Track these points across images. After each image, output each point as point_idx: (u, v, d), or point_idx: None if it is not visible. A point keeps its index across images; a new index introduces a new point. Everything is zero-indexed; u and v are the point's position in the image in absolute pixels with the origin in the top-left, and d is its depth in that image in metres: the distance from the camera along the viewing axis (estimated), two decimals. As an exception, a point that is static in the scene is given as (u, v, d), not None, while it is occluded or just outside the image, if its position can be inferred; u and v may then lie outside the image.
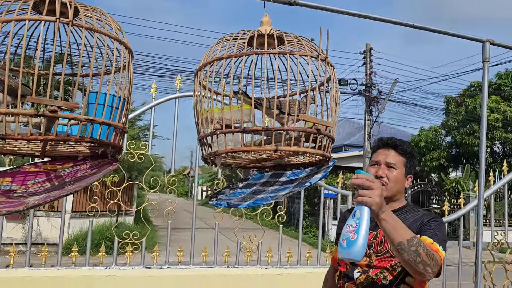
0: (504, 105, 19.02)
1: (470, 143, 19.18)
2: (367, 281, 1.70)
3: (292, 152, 1.32)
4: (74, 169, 1.36)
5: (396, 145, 1.81)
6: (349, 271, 1.76)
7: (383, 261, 1.69)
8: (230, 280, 3.00)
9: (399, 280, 1.67)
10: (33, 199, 1.14)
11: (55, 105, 1.07)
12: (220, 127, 1.29)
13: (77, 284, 2.66)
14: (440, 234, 1.68)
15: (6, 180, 1.30)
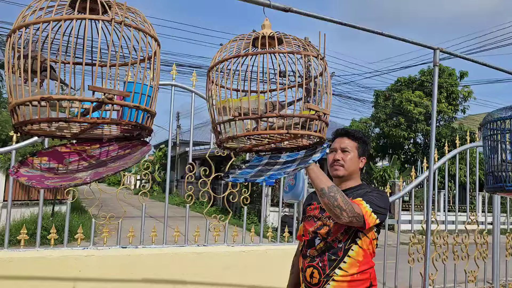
0: (426, 100, 20.61)
1: (397, 134, 20.63)
2: (325, 246, 2.05)
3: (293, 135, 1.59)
4: (103, 149, 1.52)
5: (348, 132, 2.21)
6: (311, 239, 2.11)
7: (339, 227, 2.03)
8: (201, 257, 3.22)
9: (350, 241, 2.03)
10: (82, 175, 1.30)
11: (112, 93, 1.24)
12: (238, 114, 1.52)
13: (57, 263, 2.75)
14: (376, 201, 2.02)
15: (44, 159, 1.44)
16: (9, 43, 1.31)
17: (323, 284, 2.03)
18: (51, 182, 1.26)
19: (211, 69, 1.66)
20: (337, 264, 2.03)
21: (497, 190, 2.35)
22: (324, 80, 1.69)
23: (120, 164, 1.33)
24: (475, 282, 4.47)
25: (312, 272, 2.07)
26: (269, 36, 1.72)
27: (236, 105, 1.53)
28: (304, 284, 2.12)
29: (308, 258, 2.10)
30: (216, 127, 1.61)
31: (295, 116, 1.52)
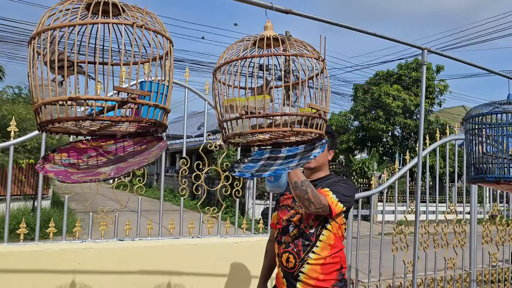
0: (404, 94, 21.04)
1: (375, 127, 21.01)
2: (298, 232, 2.25)
3: (296, 132, 1.70)
4: (118, 145, 1.60)
5: None
6: (285, 227, 2.30)
7: (310, 215, 2.22)
8: (195, 248, 3.32)
9: (321, 227, 2.23)
10: (105, 170, 1.38)
11: (135, 93, 1.32)
12: (245, 113, 1.62)
13: (56, 256, 2.81)
14: (342, 190, 2.21)
15: (64, 155, 1.50)
16: (33, 46, 1.38)
17: (299, 267, 2.21)
18: (77, 177, 1.33)
19: (218, 69, 1.76)
20: (310, 249, 2.21)
21: (478, 181, 2.51)
22: (324, 80, 1.80)
23: (140, 159, 1.42)
24: (453, 269, 4.69)
25: (288, 257, 2.24)
26: (272, 37, 1.83)
27: (242, 104, 1.63)
28: (281, 268, 2.29)
29: (283, 244, 2.27)
30: (223, 124, 1.71)
31: (298, 114, 1.63)
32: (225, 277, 3.40)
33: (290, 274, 2.23)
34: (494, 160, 2.42)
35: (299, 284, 2.20)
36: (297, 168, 2.02)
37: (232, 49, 1.81)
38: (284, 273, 2.26)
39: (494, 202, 5.31)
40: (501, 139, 2.47)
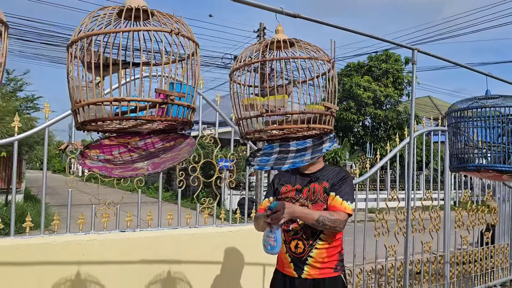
0: (374, 85, 21.55)
1: (347, 117, 21.47)
2: None
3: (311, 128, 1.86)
4: (145, 141, 1.72)
5: None
6: None
7: (317, 206, 2.40)
8: (193, 237, 3.45)
9: None
10: (141, 165, 1.50)
11: (173, 95, 1.44)
12: (266, 111, 1.76)
13: (61, 248, 2.88)
14: (348, 190, 2.44)
15: (96, 151, 1.61)
16: (74, 50, 1.47)
17: (307, 252, 2.40)
18: (118, 172, 1.45)
19: (234, 71, 1.90)
20: (318, 236, 2.41)
21: (461, 170, 2.75)
22: (334, 80, 1.96)
23: (172, 155, 1.54)
24: (429, 251, 5.00)
25: (297, 243, 2.42)
26: (283, 40, 1.97)
27: (262, 103, 1.77)
28: (288, 254, 2.44)
29: (291, 232, 2.44)
30: (241, 121, 1.84)
31: (313, 112, 1.79)
32: (221, 265, 3.56)
33: (299, 259, 2.41)
34: (474, 151, 2.66)
35: (306, 267, 2.39)
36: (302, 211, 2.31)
37: (247, 51, 1.95)
38: (292, 258, 2.43)
39: (465, 189, 5.65)
40: (480, 131, 2.71)
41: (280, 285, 2.50)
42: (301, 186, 2.48)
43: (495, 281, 5.84)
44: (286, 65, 1.95)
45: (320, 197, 2.42)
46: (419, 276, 4.97)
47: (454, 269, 5.30)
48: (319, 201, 2.42)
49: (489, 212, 5.81)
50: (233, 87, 1.91)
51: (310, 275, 2.40)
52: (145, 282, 3.18)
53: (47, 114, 2.97)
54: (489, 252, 5.78)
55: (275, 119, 1.84)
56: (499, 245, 5.99)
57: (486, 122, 2.68)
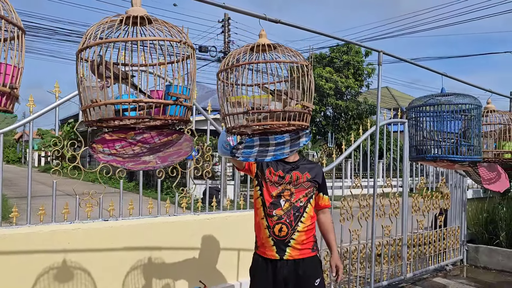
0: (336, 76, 22.10)
1: (309, 108, 21.92)
2: (290, 206, 2.68)
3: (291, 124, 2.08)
4: (142, 136, 1.89)
5: None
6: (276, 201, 2.70)
7: (300, 191, 2.71)
8: (172, 225, 3.63)
9: (307, 201, 2.73)
10: (149, 159, 1.67)
11: (182, 97, 1.63)
12: (252, 108, 1.98)
13: (48, 237, 3.00)
14: (326, 184, 2.91)
15: (100, 146, 1.76)
16: (86, 55, 1.62)
17: (290, 235, 2.65)
18: (131, 165, 1.62)
19: (220, 72, 2.09)
20: (299, 219, 2.67)
21: (419, 160, 3.07)
22: (308, 81, 2.18)
23: (174, 150, 1.73)
24: (389, 235, 5.39)
25: (281, 227, 2.66)
26: (267, 44, 2.18)
27: (247, 100, 1.98)
28: (271, 238, 2.68)
29: (274, 217, 2.68)
30: (227, 117, 2.04)
31: (294, 111, 2.01)
32: (199, 250, 3.76)
33: (282, 241, 2.65)
34: (431, 143, 2.98)
35: (288, 249, 2.65)
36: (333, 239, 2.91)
37: (234, 54, 2.14)
38: (274, 241, 2.66)
39: (421, 177, 6.09)
40: (436, 125, 3.03)
41: (262, 268, 2.72)
42: (283, 173, 2.73)
43: (447, 260, 6.35)
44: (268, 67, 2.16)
45: (303, 184, 2.73)
46: (380, 258, 5.37)
47: (411, 250, 5.74)
48: (301, 187, 2.72)
49: (442, 197, 6.28)
50: (220, 86, 2.10)
51: (292, 256, 2.66)
52: (127, 268, 3.35)
53: (31, 108, 3.05)
54: (442, 235, 6.27)
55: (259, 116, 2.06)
56: (451, 228, 6.49)
57: (440, 117, 3.00)
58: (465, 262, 6.66)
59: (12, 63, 1.42)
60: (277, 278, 2.64)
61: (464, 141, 2.92)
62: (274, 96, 2.04)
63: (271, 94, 2.04)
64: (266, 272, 2.70)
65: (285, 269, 2.65)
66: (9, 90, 1.39)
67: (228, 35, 16.74)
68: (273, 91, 2.05)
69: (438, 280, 5.86)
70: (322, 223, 2.93)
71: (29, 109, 3.05)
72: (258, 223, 2.77)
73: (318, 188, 2.82)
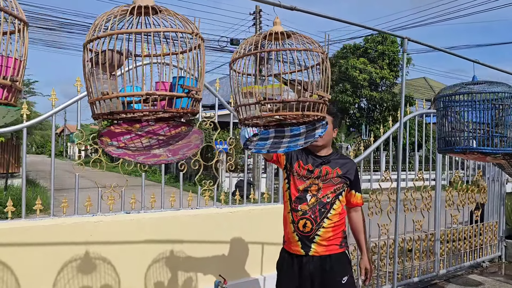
0: (370, 67, 21.61)
1: (343, 100, 21.59)
2: (316, 201, 2.59)
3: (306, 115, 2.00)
4: (148, 128, 1.85)
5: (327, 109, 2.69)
6: (302, 195, 2.62)
7: (328, 187, 2.61)
8: (195, 218, 3.62)
9: (336, 197, 2.63)
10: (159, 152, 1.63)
11: (194, 89, 1.58)
12: (264, 98, 1.90)
13: (71, 229, 3.04)
14: (359, 181, 2.80)
15: (107, 138, 1.74)
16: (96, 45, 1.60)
17: (315, 231, 2.56)
18: (142, 158, 1.59)
19: (234, 61, 2.02)
20: (326, 215, 2.57)
21: (448, 152, 2.91)
22: (325, 70, 2.09)
23: (184, 143, 1.68)
24: (420, 230, 5.20)
25: (305, 223, 2.57)
26: (280, 32, 2.10)
27: (260, 91, 1.91)
28: (296, 233, 2.61)
29: (299, 212, 2.60)
30: (239, 108, 1.98)
31: (309, 101, 1.92)
32: (222, 244, 3.74)
33: (307, 237, 2.57)
34: (461, 134, 2.81)
35: (314, 245, 2.57)
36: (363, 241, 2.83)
37: (246, 42, 2.07)
38: (299, 237, 2.59)
39: (456, 170, 5.84)
40: (467, 115, 2.86)
41: (288, 263, 2.66)
42: (312, 167, 2.65)
43: (484, 257, 6.08)
44: (281, 56, 2.07)
45: (332, 179, 2.63)
46: (411, 253, 5.19)
47: (445, 246, 5.52)
48: (330, 182, 2.62)
49: (478, 191, 6.01)
50: (233, 76, 2.03)
51: (317, 252, 2.58)
52: (149, 261, 3.36)
53: (54, 102, 3.09)
54: (478, 230, 6.00)
55: (272, 107, 1.98)
56: (488, 223, 6.21)
57: (471, 106, 2.83)
58: (503, 258, 6.36)
59: (13, 56, 1.41)
60: (303, 274, 2.58)
61: (497, 132, 2.74)
62: (288, 86, 1.96)
63: (284, 83, 1.96)
64: (292, 268, 2.64)
65: (311, 265, 2.58)
66: (10, 83, 1.38)
67: (259, 27, 16.64)
68: (287, 80, 1.97)
69: (474, 277, 5.62)
70: (353, 222, 2.83)
71: (52, 103, 3.09)
72: (285, 217, 2.71)
73: (349, 185, 2.72)
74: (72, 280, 3.02)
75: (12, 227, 2.87)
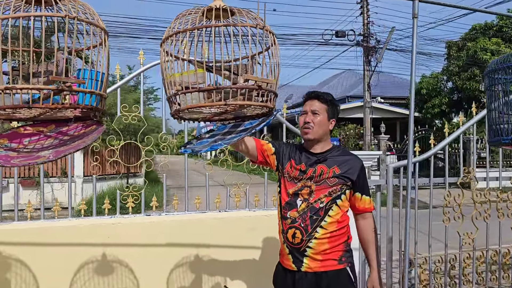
0: (504, 47, 18.86)
1: (471, 87, 19.23)
2: (307, 207, 2.16)
3: (241, 106, 1.63)
4: (58, 130, 1.69)
5: (318, 95, 2.26)
6: (293, 200, 2.21)
7: (321, 189, 2.17)
8: (223, 222, 3.40)
9: (332, 201, 2.18)
10: (45, 153, 1.48)
11: (70, 82, 1.39)
12: (182, 88, 1.60)
13: (87, 231, 3.07)
14: (367, 182, 2.33)
15: (4, 140, 1.64)
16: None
17: (306, 243, 2.15)
18: (18, 160, 1.44)
19: (166, 40, 1.72)
20: (319, 223, 2.15)
21: (496, 144, 2.21)
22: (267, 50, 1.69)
23: (78, 142, 1.49)
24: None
25: (294, 232, 2.17)
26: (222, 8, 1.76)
27: (180, 79, 1.60)
28: (286, 245, 2.22)
29: (288, 219, 2.20)
30: (171, 98, 1.69)
31: (231, 87, 1.56)
32: (254, 249, 3.44)
33: (297, 249, 2.19)
34: (510, 119, 2.10)
35: (306, 259, 2.17)
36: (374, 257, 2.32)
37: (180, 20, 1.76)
38: (289, 249, 2.22)
39: None
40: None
41: (282, 279, 2.30)
42: (306, 166, 2.24)
43: None
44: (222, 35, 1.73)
45: (327, 180, 2.19)
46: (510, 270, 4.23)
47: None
48: (324, 184, 2.18)
49: None
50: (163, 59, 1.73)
51: (311, 268, 2.17)
52: (171, 265, 3.24)
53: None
54: None
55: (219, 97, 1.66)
56: None
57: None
58: None
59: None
60: None
61: None
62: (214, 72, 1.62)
63: (207, 69, 1.62)
64: (285, 284, 2.27)
65: (304, 283, 2.18)
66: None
67: (367, 15, 15.63)
68: (210, 65, 1.62)
69: None
70: (360, 231, 2.34)
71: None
72: (278, 226, 2.34)
73: (352, 186, 2.24)
74: (88, 282, 3.04)
75: (32, 227, 2.99)
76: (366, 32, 15.19)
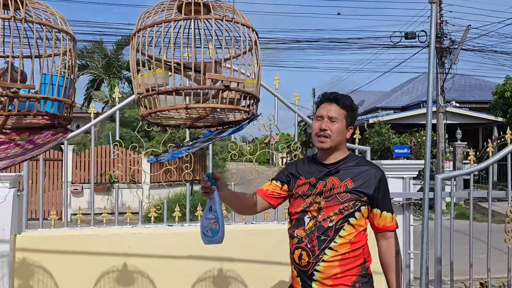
0: None
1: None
2: (315, 226, 1.90)
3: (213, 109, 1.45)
4: (30, 138, 1.62)
5: (338, 99, 1.95)
6: (301, 217, 1.96)
7: (331, 206, 1.89)
8: (248, 234, 3.22)
9: (342, 220, 1.89)
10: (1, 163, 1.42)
11: (15, 87, 1.31)
12: (145, 91, 1.45)
13: (108, 240, 3.04)
14: (389, 196, 2.02)
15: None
16: None
17: (313, 265, 1.90)
18: None
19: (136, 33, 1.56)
20: (327, 245, 1.89)
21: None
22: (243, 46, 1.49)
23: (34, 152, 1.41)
24: None
25: (301, 253, 1.94)
26: (195, 2, 1.59)
27: (142, 81, 1.46)
28: (294, 266, 1.99)
29: (295, 239, 1.97)
30: (140, 101, 1.54)
31: (195, 88, 1.38)
32: (282, 265, 3.21)
33: (304, 272, 1.95)
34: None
35: (314, 284, 1.92)
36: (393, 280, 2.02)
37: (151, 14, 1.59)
38: (297, 272, 1.99)
39: None
40: None
41: None
42: (315, 180, 1.99)
43: None
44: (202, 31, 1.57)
45: (338, 196, 1.92)
46: None
47: None
48: (335, 199, 1.92)
49: None
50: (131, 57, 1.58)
51: None
52: (193, 278, 3.11)
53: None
54: None
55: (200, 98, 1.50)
56: None
57: None
58: None
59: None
60: None
61: None
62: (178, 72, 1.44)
63: (170, 70, 1.44)
64: None
65: None
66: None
67: (440, 14, 14.61)
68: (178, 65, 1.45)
69: None
70: (381, 253, 2.04)
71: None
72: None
73: (368, 202, 1.95)
74: (109, 290, 3.00)
75: (55, 235, 3.02)
76: (438, 32, 14.21)
